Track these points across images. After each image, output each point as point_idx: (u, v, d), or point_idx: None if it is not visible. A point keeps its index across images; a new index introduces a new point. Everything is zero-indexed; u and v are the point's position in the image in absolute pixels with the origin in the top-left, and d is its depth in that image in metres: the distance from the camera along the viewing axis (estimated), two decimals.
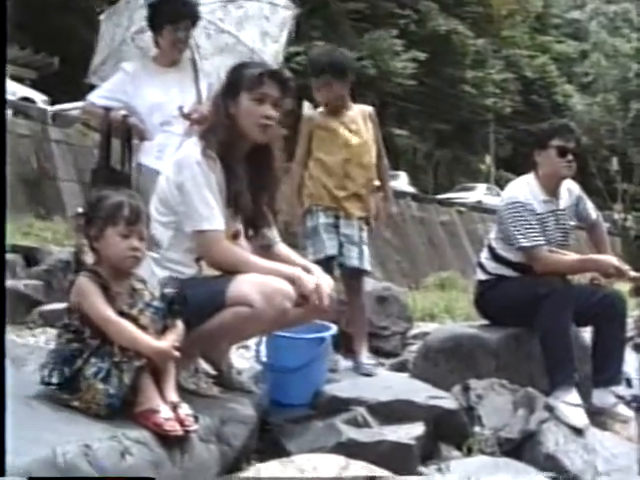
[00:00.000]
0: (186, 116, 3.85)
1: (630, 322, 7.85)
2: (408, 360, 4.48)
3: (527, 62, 39.90)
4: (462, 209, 24.71)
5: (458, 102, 33.61)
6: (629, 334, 6.95)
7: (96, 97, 4.09)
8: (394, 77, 28.93)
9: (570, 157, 3.77)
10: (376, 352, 4.60)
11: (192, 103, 3.98)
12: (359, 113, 4.08)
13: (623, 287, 4.16)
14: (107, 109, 4.00)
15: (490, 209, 22.63)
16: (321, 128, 4.01)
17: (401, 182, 25.91)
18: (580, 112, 39.94)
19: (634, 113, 40.02)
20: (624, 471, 3.14)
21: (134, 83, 4.02)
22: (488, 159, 35.38)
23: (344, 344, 4.01)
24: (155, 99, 4.00)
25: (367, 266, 4.06)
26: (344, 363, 4.00)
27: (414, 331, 5.46)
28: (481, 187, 31.61)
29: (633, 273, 3.75)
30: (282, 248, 3.03)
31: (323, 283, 2.78)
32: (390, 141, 22.74)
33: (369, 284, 4.71)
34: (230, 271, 2.73)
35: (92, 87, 4.21)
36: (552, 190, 3.80)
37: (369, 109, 4.14)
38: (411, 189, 26.47)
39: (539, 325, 3.56)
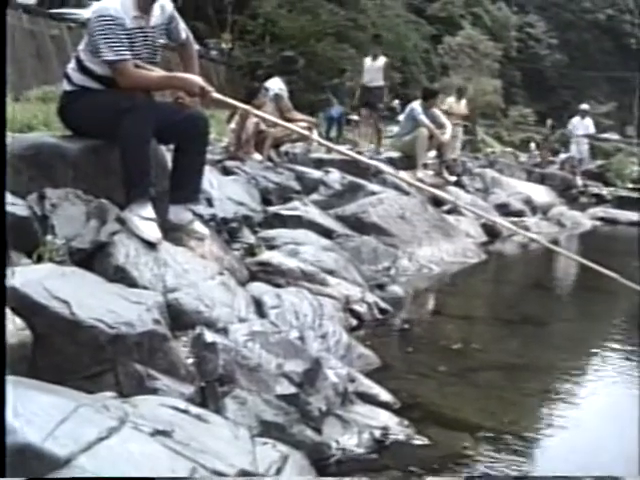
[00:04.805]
0: None
1: (220, 147, 8.30)
2: None
3: None
4: (73, 25, 23.38)
5: None
6: (218, 157, 7.34)
7: None
8: None
9: None
10: None
11: None
12: None
13: None
14: None
15: None
16: None
17: None
18: None
19: None
20: (192, 286, 3.37)
21: None
22: None
23: None
24: None
25: None
26: None
27: None
28: (95, 4, 30.09)
29: (216, 95, 3.87)
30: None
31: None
32: None
33: None
34: None
35: None
36: (144, 6, 3.73)
37: None
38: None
39: (119, 139, 3.56)
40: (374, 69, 11.72)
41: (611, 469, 2.73)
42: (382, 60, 11.84)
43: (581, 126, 16.22)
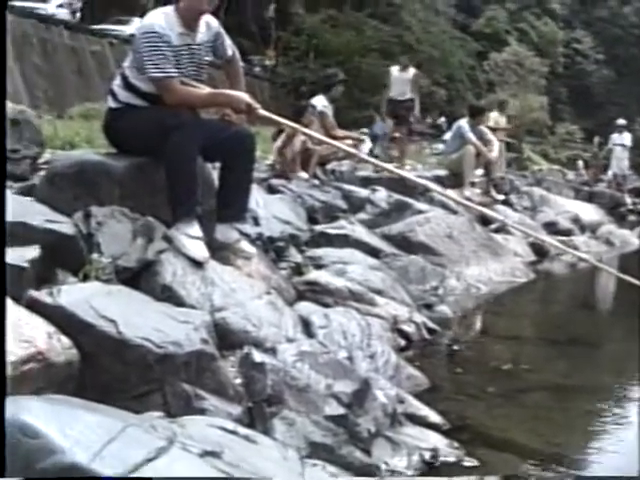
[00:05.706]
0: None
1: (265, 165, 8.31)
2: (37, 185, 4.31)
3: None
4: (114, 41, 23.73)
5: None
6: (264, 175, 7.35)
7: None
8: None
9: None
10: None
11: None
12: None
13: None
14: None
15: None
16: None
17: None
18: None
19: None
20: (240, 306, 3.34)
21: None
22: None
23: None
24: None
25: None
26: None
27: (47, 157, 5.29)
28: (136, 21, 30.49)
29: (263, 111, 3.85)
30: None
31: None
32: None
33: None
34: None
35: None
36: (190, 23, 3.73)
37: None
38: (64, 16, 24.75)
39: (165, 157, 3.53)
40: (402, 81, 11.09)
41: None
42: (412, 72, 11.25)
43: (619, 142, 16.34)
